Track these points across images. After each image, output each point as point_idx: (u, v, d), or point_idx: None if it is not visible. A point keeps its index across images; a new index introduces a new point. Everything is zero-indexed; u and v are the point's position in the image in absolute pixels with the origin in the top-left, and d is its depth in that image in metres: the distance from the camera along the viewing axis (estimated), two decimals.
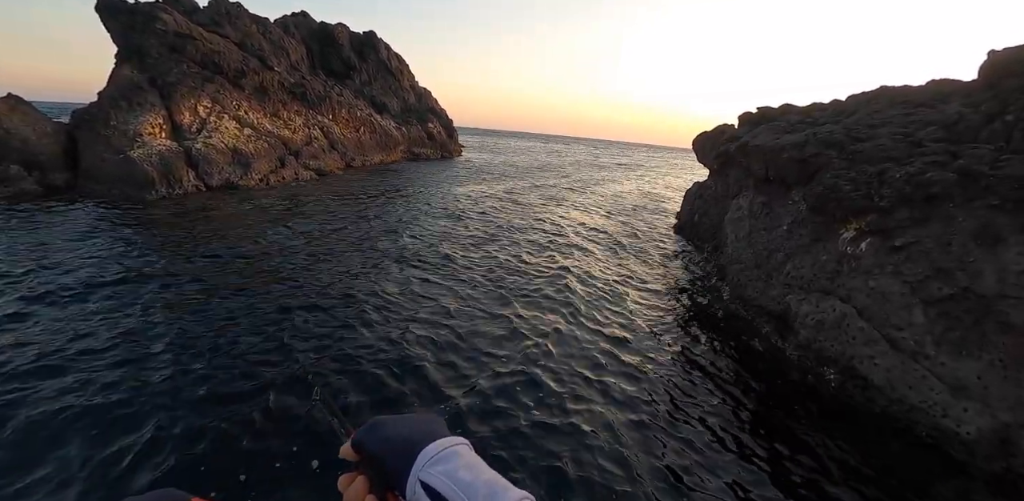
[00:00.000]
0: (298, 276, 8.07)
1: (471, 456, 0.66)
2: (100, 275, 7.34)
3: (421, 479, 0.62)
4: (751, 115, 11.80)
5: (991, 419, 4.06)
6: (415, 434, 0.68)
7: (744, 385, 5.86)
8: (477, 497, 0.57)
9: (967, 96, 6.63)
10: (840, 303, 5.58)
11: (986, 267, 4.46)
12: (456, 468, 0.62)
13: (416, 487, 0.62)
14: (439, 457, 0.64)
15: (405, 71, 34.34)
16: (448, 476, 0.61)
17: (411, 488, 0.62)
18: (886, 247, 5.32)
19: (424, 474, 0.62)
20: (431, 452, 0.64)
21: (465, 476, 0.60)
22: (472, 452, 0.67)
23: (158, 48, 15.35)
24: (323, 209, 13.65)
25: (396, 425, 0.71)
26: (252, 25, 20.10)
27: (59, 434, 3.97)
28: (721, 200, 11.59)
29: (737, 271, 8.31)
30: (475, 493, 0.58)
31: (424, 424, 0.71)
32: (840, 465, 4.50)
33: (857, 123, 7.49)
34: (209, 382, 4.85)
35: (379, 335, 6.18)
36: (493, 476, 0.62)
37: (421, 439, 0.67)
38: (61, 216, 10.55)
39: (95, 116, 13.67)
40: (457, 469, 0.62)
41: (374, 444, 0.69)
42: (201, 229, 10.44)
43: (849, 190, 5.88)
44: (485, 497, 0.57)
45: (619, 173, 38.34)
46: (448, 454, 0.64)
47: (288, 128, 19.41)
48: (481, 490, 0.58)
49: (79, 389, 4.56)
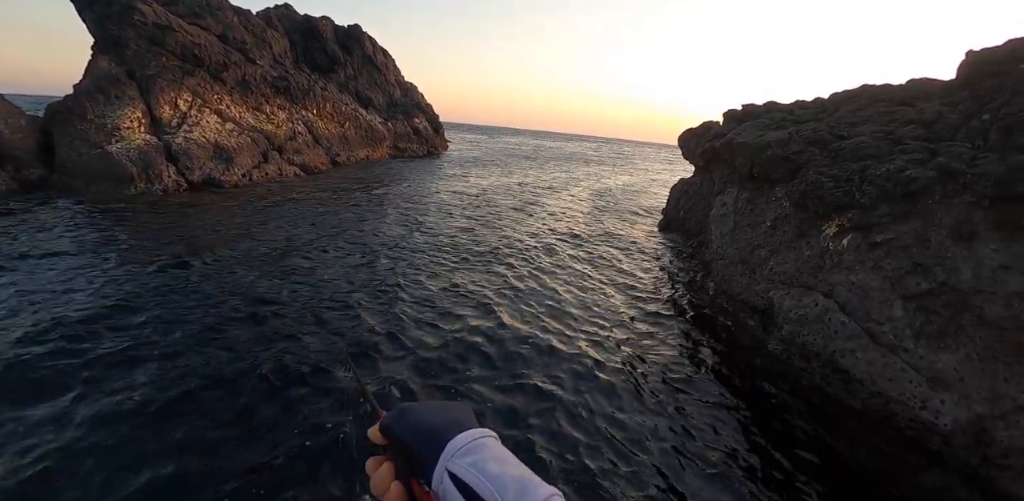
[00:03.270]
0: (281, 271, 7.97)
1: (500, 449, 0.65)
2: (70, 281, 7.08)
3: (449, 469, 0.61)
4: (736, 112, 11.90)
5: (967, 411, 4.16)
6: (444, 423, 0.67)
7: (727, 379, 5.95)
8: (507, 491, 0.56)
9: (946, 95, 6.75)
10: (822, 298, 5.67)
11: (962, 262, 4.56)
12: (485, 460, 0.61)
13: (444, 477, 0.61)
14: (468, 448, 0.63)
15: (391, 65, 33.96)
16: (477, 468, 0.60)
17: (438, 478, 0.61)
18: (867, 243, 5.41)
19: (452, 465, 0.61)
20: (459, 443, 0.63)
21: (494, 469, 0.59)
22: (500, 445, 0.66)
23: (136, 40, 14.95)
24: (307, 206, 13.50)
25: (425, 413, 0.70)
26: (234, 17, 19.67)
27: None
28: (706, 196, 11.69)
29: (722, 267, 8.40)
30: (504, 487, 0.57)
31: (453, 413, 0.71)
32: (821, 457, 4.60)
33: (840, 121, 7.60)
34: (198, 374, 4.79)
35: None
36: (523, 471, 0.61)
37: (449, 429, 0.66)
38: (35, 213, 10.27)
39: (71, 109, 13.28)
40: (486, 461, 0.61)
41: (402, 430, 0.68)
42: (181, 226, 10.25)
43: (831, 187, 5.97)
44: (515, 492, 0.56)
45: (609, 167, 38.48)
46: (476, 445, 0.63)
47: (271, 123, 19.10)
48: (511, 485, 0.57)
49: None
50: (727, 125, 11.82)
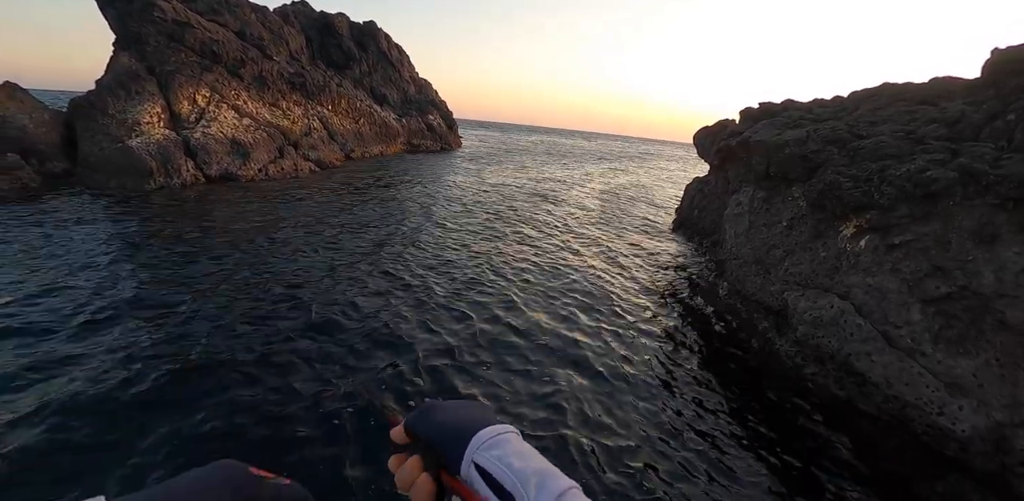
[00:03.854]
0: (294, 267, 8.07)
1: (521, 444, 0.68)
2: (94, 266, 7.34)
3: (475, 461, 0.64)
4: (752, 110, 11.74)
5: (986, 417, 4.08)
6: (468, 419, 0.71)
7: (739, 380, 5.90)
8: (528, 483, 0.60)
9: (969, 94, 6.59)
10: (838, 300, 5.59)
11: (984, 266, 4.46)
12: (508, 454, 0.64)
13: (470, 469, 0.64)
14: (492, 442, 0.66)
15: (405, 62, 34.03)
16: (501, 461, 0.63)
17: (465, 469, 0.65)
18: (885, 244, 5.32)
19: (479, 457, 0.65)
20: (484, 437, 0.67)
21: (517, 462, 0.63)
22: (522, 440, 0.70)
23: (156, 36, 15.17)
24: (323, 200, 13.61)
25: (449, 410, 0.74)
26: (251, 14, 19.85)
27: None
28: (721, 195, 11.57)
29: (736, 267, 8.31)
30: (526, 479, 0.60)
31: (475, 410, 0.75)
32: (834, 461, 4.54)
33: (859, 120, 7.45)
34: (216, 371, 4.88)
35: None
36: (543, 464, 0.64)
37: (473, 424, 0.69)
38: (59, 205, 10.51)
39: (93, 104, 13.53)
40: (509, 455, 0.64)
41: (428, 428, 0.72)
42: (199, 219, 10.41)
43: (849, 187, 5.86)
44: (536, 484, 0.59)
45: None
46: (500, 440, 0.67)
47: (287, 118, 19.28)
48: (532, 477, 0.60)
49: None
50: (743, 123, 11.67)
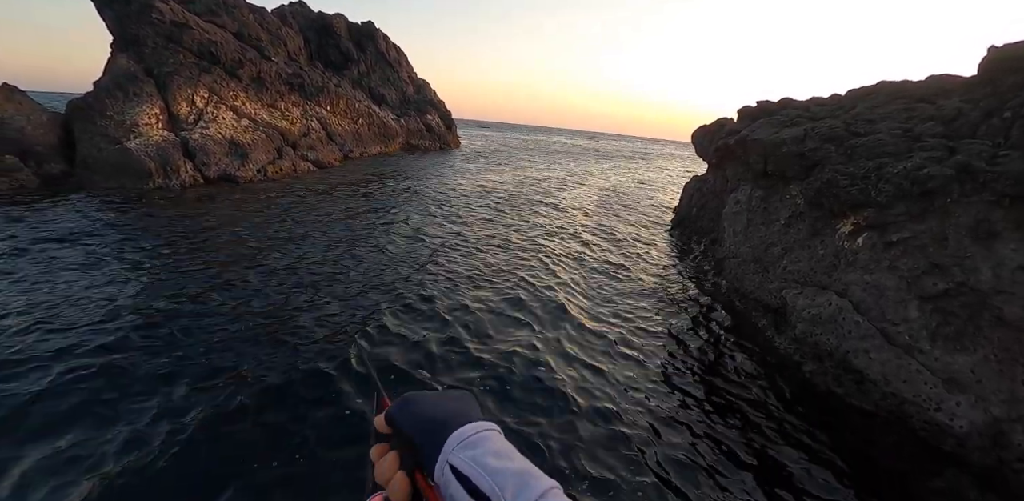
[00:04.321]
0: (294, 266, 8.07)
1: (501, 442, 0.65)
2: (94, 268, 7.35)
3: (450, 463, 0.61)
4: (750, 109, 11.75)
5: (983, 413, 4.10)
6: (446, 415, 0.68)
7: (738, 377, 5.91)
8: (506, 485, 0.56)
9: (966, 92, 6.61)
10: (836, 297, 5.61)
11: (982, 262, 4.48)
12: (485, 454, 0.61)
13: (445, 470, 0.61)
14: (469, 442, 0.63)
15: (404, 62, 34.06)
16: (478, 462, 0.60)
17: (439, 470, 0.62)
18: (882, 242, 5.34)
19: (454, 458, 0.61)
20: (461, 436, 0.64)
21: (495, 463, 0.60)
22: (503, 438, 0.66)
23: (154, 38, 15.17)
24: (323, 200, 13.62)
25: (427, 404, 0.70)
26: (249, 14, 19.85)
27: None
28: (719, 194, 11.59)
29: (734, 265, 8.33)
30: (504, 481, 0.57)
31: (456, 404, 0.71)
32: (833, 458, 4.56)
33: (856, 118, 7.48)
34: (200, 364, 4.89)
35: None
36: (523, 464, 0.61)
37: (451, 421, 0.66)
38: (57, 206, 10.51)
39: (91, 106, 13.52)
40: (486, 455, 0.61)
41: (405, 421, 0.69)
42: (199, 220, 10.41)
43: (847, 185, 5.88)
44: (515, 486, 0.56)
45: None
46: (478, 439, 0.64)
47: (286, 119, 19.28)
48: (511, 478, 0.57)
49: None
50: (741, 122, 11.68)
